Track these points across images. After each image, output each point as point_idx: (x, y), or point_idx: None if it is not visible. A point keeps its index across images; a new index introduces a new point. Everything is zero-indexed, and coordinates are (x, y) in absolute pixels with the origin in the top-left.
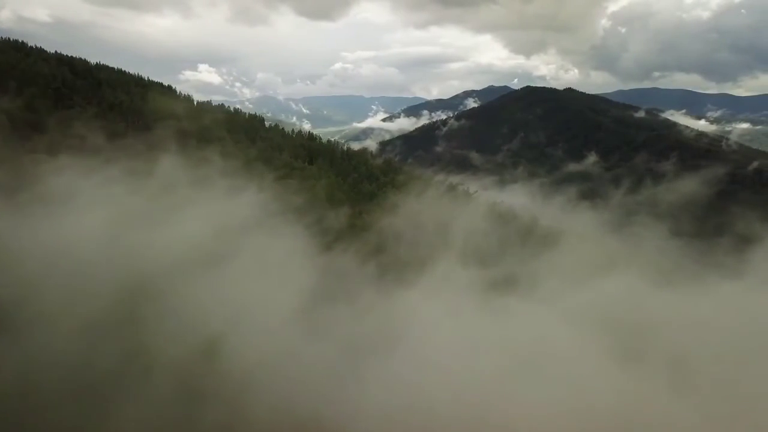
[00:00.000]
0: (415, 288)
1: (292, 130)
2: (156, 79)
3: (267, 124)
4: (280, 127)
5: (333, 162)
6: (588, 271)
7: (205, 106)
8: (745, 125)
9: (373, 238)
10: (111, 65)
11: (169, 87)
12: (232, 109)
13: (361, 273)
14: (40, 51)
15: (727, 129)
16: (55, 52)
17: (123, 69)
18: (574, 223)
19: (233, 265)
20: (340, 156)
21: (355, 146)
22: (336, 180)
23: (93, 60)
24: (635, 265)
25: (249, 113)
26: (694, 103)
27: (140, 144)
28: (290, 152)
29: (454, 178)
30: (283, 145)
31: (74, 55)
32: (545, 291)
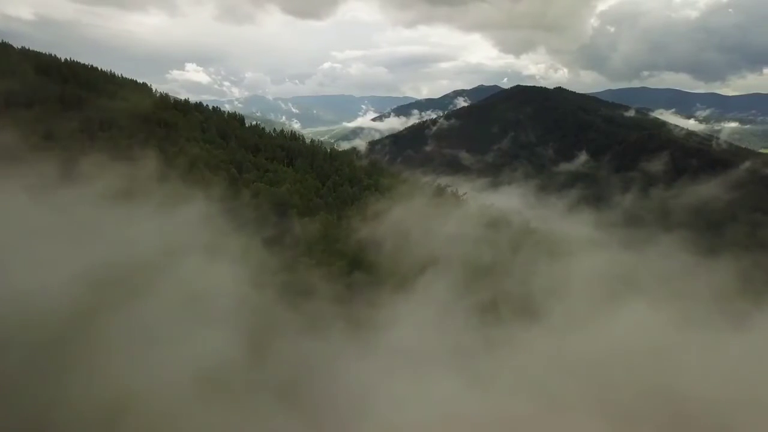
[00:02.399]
0: (385, 337)
1: (274, 129)
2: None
3: (249, 123)
4: (261, 126)
5: (314, 163)
6: (594, 297)
7: (181, 105)
8: (733, 124)
9: (347, 250)
10: (96, 64)
11: (144, 84)
12: (211, 108)
13: (322, 303)
14: (4, 46)
15: (716, 128)
16: (22, 47)
17: (95, 66)
18: (570, 228)
19: (147, 304)
20: (323, 157)
21: (345, 146)
22: (314, 182)
23: (78, 59)
24: (646, 284)
25: (229, 112)
26: (682, 102)
27: (84, 146)
28: (267, 153)
29: (444, 179)
30: (260, 145)
31: (52, 53)
32: (543, 328)
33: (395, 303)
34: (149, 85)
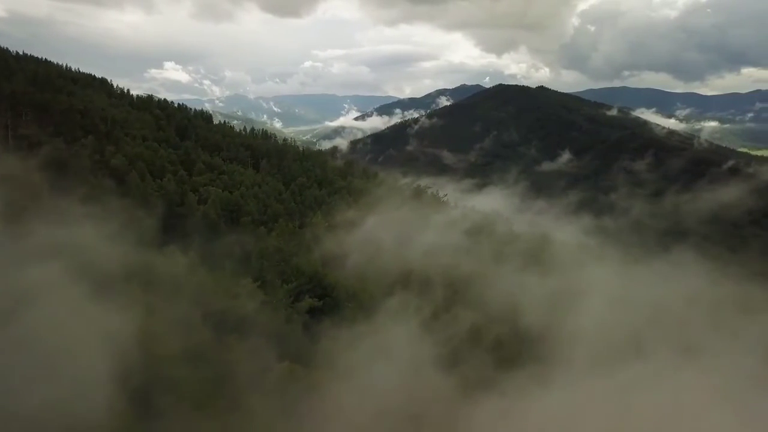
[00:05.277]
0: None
1: (244, 128)
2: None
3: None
4: (229, 125)
5: (281, 164)
6: (601, 332)
7: (141, 102)
8: (713, 123)
9: (305, 266)
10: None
11: (103, 80)
12: (177, 105)
13: (258, 342)
14: None
15: (697, 127)
16: None
17: (49, 60)
18: (560, 232)
19: None
20: (293, 157)
21: (327, 145)
22: (276, 185)
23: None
24: (662, 306)
25: (196, 110)
26: (663, 101)
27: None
28: (229, 153)
29: (426, 180)
30: (223, 144)
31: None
32: (536, 383)
33: (353, 340)
34: (109, 81)
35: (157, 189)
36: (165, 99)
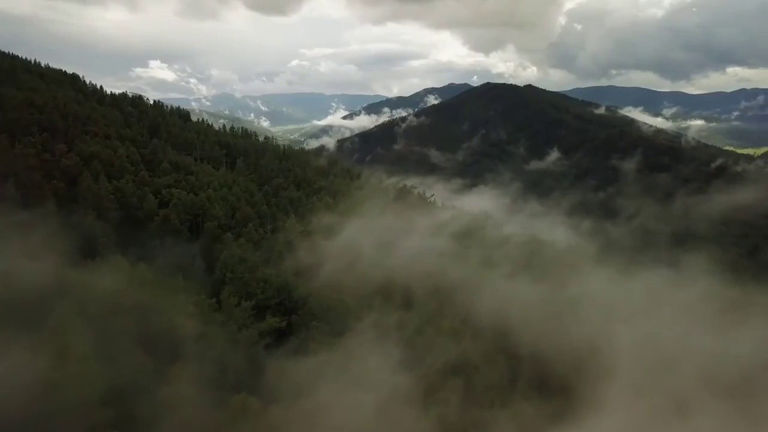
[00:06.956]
0: None
1: (223, 126)
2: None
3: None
4: (208, 123)
5: (258, 163)
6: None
7: (114, 99)
8: (699, 122)
9: (274, 277)
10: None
11: (74, 75)
12: (146, 102)
13: (205, 370)
14: None
15: (683, 126)
16: None
17: (16, 54)
18: (552, 232)
19: None
20: (272, 156)
21: (315, 144)
22: (249, 186)
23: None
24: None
25: (173, 107)
26: (650, 100)
27: None
28: (203, 152)
29: (412, 180)
30: (197, 143)
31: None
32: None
33: (322, 367)
34: (82, 77)
35: (113, 191)
36: (140, 96)
